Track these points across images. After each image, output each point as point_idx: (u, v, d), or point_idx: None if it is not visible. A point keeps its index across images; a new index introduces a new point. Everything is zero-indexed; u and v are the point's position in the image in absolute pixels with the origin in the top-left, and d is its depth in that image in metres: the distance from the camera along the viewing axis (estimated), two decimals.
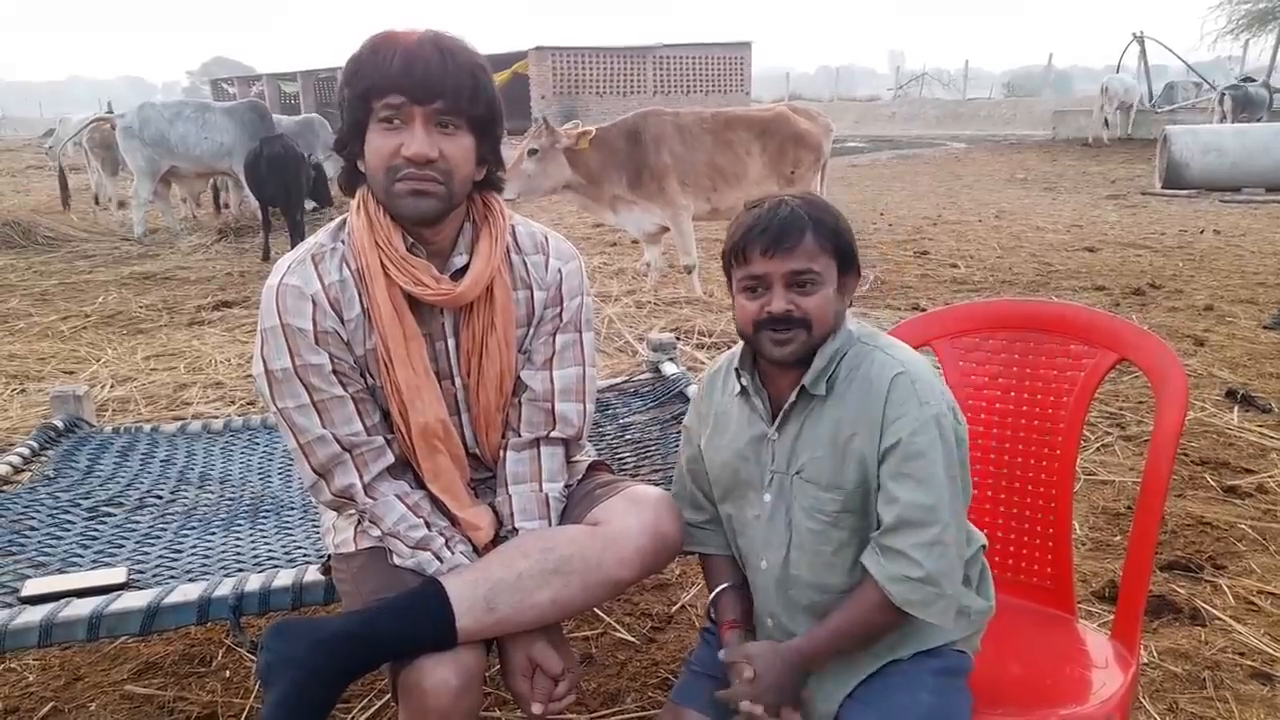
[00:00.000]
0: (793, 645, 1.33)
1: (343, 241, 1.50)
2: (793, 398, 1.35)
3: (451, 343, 1.55)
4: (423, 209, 1.43)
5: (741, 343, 1.42)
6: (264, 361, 1.45)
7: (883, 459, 1.28)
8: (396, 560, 1.48)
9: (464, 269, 1.51)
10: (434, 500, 1.54)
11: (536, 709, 1.44)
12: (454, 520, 1.53)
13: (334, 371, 1.46)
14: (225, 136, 8.77)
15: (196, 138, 8.74)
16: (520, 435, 1.59)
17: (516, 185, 5.19)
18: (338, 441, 1.47)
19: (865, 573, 1.31)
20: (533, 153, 5.21)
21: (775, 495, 1.39)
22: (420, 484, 1.54)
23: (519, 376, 1.59)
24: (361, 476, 1.49)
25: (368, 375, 1.51)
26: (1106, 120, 19.81)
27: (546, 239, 1.64)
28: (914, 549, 1.26)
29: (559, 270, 1.61)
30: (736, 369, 1.43)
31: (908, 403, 1.27)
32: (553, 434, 1.60)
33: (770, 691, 1.31)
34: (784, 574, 1.39)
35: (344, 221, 1.53)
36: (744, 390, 1.42)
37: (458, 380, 1.56)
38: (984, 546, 1.45)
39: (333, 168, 9.78)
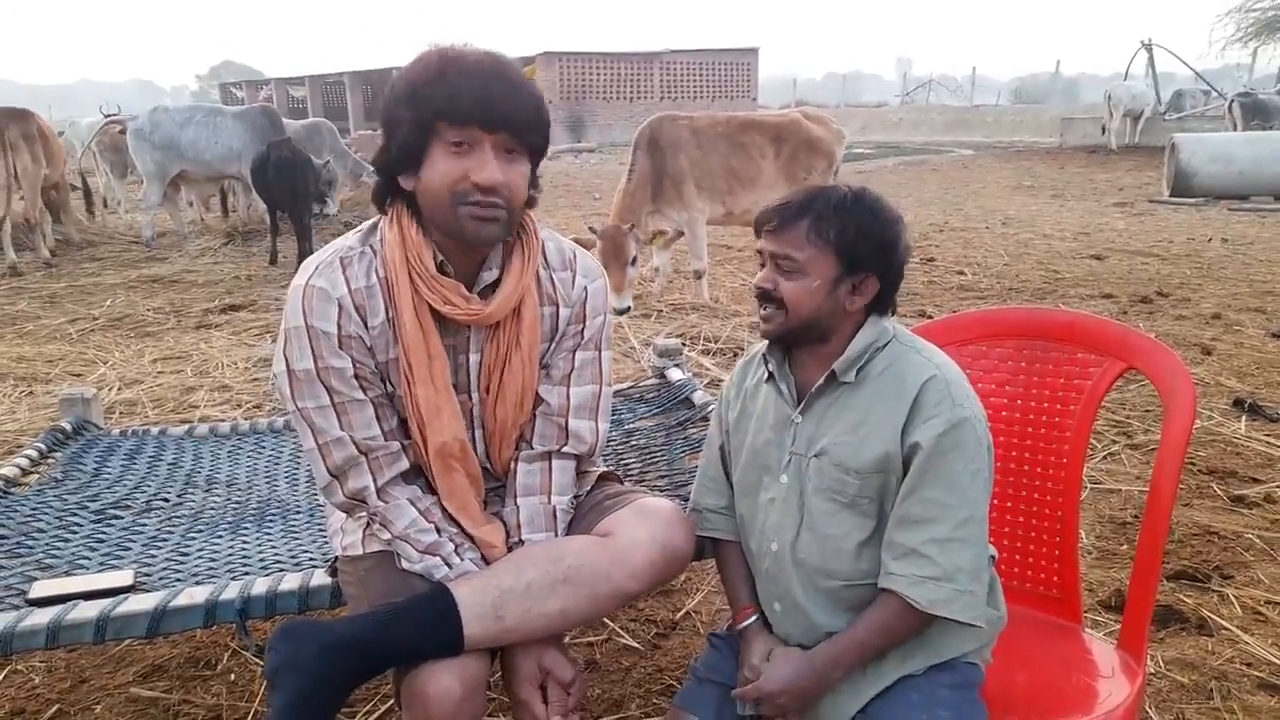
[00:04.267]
0: (816, 652, 1.34)
1: (372, 248, 1.49)
2: (820, 381, 1.38)
3: (474, 358, 1.54)
4: (486, 235, 1.43)
5: None
6: (286, 360, 1.44)
7: (910, 456, 1.29)
8: (405, 564, 1.48)
9: (493, 285, 1.50)
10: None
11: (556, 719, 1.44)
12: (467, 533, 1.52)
13: (355, 376, 1.46)
14: (236, 141, 8.78)
15: (207, 142, 8.76)
16: (533, 448, 1.59)
17: (630, 295, 5.50)
18: (355, 444, 1.47)
19: (883, 589, 1.31)
20: (634, 261, 5.45)
21: (792, 477, 1.41)
22: (433, 490, 1.54)
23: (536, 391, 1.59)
24: (376, 480, 1.49)
25: (388, 382, 1.50)
26: (1103, 128, 19.81)
27: (575, 256, 1.63)
28: (926, 545, 1.27)
29: (585, 288, 1.61)
30: (764, 355, 1.46)
31: (941, 404, 1.29)
32: (564, 449, 1.60)
33: (791, 697, 1.32)
34: (792, 557, 1.40)
35: (374, 226, 1.52)
36: (770, 376, 1.44)
37: (474, 395, 1.56)
38: (993, 558, 1.45)
39: (340, 170, 9.81)
